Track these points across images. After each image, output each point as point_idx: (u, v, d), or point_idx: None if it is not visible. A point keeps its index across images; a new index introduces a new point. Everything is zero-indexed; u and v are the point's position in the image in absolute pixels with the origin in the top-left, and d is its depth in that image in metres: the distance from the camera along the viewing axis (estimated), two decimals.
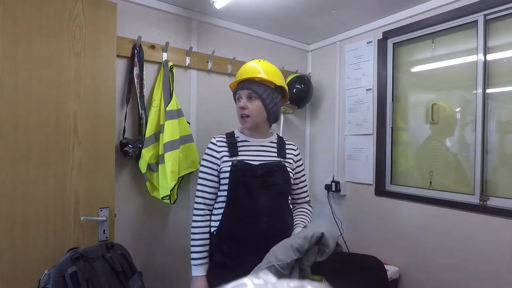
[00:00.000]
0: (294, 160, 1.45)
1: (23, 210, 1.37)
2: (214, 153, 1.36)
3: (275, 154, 1.39)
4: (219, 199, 1.35)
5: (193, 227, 1.35)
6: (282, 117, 2.54)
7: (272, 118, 1.40)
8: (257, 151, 1.37)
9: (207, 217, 1.36)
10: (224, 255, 1.30)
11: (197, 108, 2.13)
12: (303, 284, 0.29)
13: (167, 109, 1.81)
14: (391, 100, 2.22)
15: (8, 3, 1.34)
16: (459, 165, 1.90)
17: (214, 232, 1.34)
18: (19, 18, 1.36)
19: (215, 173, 1.35)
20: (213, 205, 1.38)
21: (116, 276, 1.39)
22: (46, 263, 1.38)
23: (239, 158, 1.33)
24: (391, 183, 2.21)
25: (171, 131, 1.78)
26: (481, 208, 1.72)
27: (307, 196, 1.55)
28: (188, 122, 1.98)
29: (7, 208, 1.34)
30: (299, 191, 1.52)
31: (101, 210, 1.55)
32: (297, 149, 1.50)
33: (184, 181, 2.03)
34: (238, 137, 1.40)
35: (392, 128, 2.22)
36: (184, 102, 2.04)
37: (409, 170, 2.17)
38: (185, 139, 1.90)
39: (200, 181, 1.37)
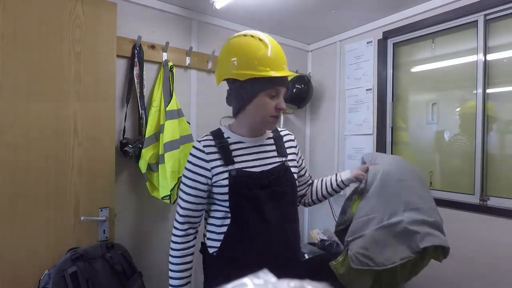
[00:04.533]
0: (295, 154, 1.22)
1: (23, 210, 1.37)
2: (202, 163, 1.05)
3: (275, 154, 1.14)
4: (217, 214, 1.09)
5: (174, 249, 1.10)
6: (282, 117, 2.54)
7: None
8: (256, 154, 1.11)
9: (191, 237, 1.11)
10: (229, 278, 1.06)
11: (197, 108, 2.13)
12: (303, 284, 0.29)
13: (167, 109, 1.81)
14: (391, 100, 2.22)
15: (8, 3, 1.34)
16: (459, 165, 1.90)
17: (214, 254, 1.09)
18: (19, 18, 1.36)
19: (204, 187, 1.06)
20: (198, 222, 1.13)
21: (116, 276, 1.39)
22: (46, 263, 1.38)
23: (236, 166, 1.05)
24: None
25: (171, 131, 1.78)
26: (481, 208, 1.72)
27: (310, 177, 1.38)
28: (188, 122, 1.98)
29: (7, 208, 1.34)
30: (305, 178, 1.33)
31: (101, 210, 1.55)
32: (294, 138, 1.26)
33: None
34: (229, 137, 1.11)
35: (392, 128, 2.22)
36: (184, 102, 2.04)
37: None
38: (185, 139, 1.90)
39: (183, 196, 1.08)
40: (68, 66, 1.47)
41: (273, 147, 1.15)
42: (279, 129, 1.23)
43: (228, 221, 1.06)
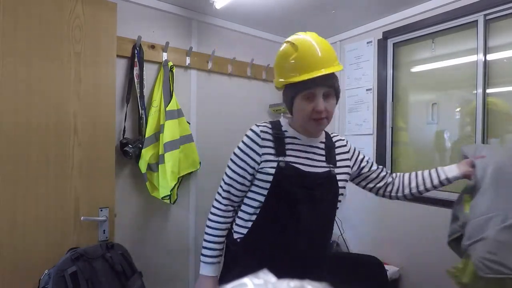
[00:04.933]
0: (349, 159, 1.18)
1: (23, 210, 1.37)
2: (255, 147, 1.05)
3: (324, 159, 1.10)
4: (252, 202, 1.08)
5: (211, 220, 1.11)
6: (282, 117, 2.53)
7: None
8: (307, 153, 1.09)
9: (230, 214, 1.12)
10: (249, 269, 1.06)
11: (197, 108, 2.13)
12: (303, 284, 0.29)
13: (167, 109, 1.81)
14: (391, 100, 2.22)
15: (8, 3, 1.33)
16: None
17: (238, 240, 1.09)
18: (19, 18, 1.36)
19: (250, 170, 1.06)
20: (237, 203, 1.13)
21: (116, 276, 1.39)
22: (46, 263, 1.38)
23: (287, 159, 1.05)
24: None
25: (171, 131, 1.78)
26: None
27: (379, 166, 1.28)
28: (188, 122, 1.98)
29: (7, 208, 1.34)
30: (373, 169, 1.25)
31: (101, 210, 1.55)
32: (347, 143, 1.21)
33: (184, 181, 2.03)
34: (286, 131, 1.10)
35: (392, 128, 2.22)
36: (184, 102, 2.05)
37: (409, 170, 2.15)
38: (185, 139, 1.90)
39: (229, 173, 1.09)
40: (68, 66, 1.47)
41: (323, 152, 1.12)
42: (333, 135, 1.21)
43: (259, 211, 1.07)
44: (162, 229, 1.99)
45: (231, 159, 1.10)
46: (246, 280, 0.29)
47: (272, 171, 1.03)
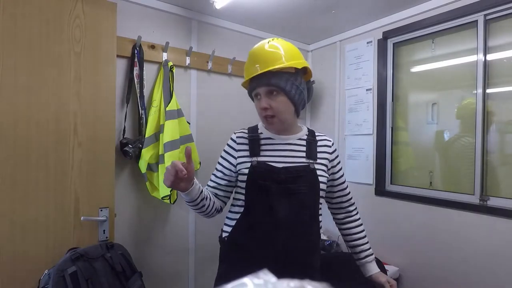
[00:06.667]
0: (329, 160, 1.21)
1: (23, 210, 1.37)
2: (232, 151, 1.19)
3: (304, 155, 1.17)
4: (236, 202, 1.19)
5: None
6: None
7: (300, 107, 1.17)
8: (282, 151, 1.16)
9: (213, 193, 1.20)
10: (232, 266, 1.14)
11: (197, 108, 2.13)
12: (303, 284, 0.29)
13: (167, 109, 1.81)
14: (391, 100, 2.22)
15: (8, 3, 1.33)
16: (459, 165, 1.90)
17: (225, 238, 1.18)
18: (19, 18, 1.36)
19: (227, 172, 1.19)
20: (223, 197, 1.22)
21: (116, 276, 1.39)
22: (46, 263, 1.38)
23: (260, 158, 1.14)
24: (391, 183, 2.21)
25: (171, 131, 1.78)
26: (481, 208, 1.72)
27: (352, 202, 1.33)
28: (188, 122, 1.98)
29: (7, 208, 1.34)
30: (339, 194, 1.29)
31: (101, 210, 1.55)
32: (332, 144, 1.24)
33: None
34: (261, 133, 1.20)
35: (392, 128, 2.22)
36: (184, 102, 2.05)
37: (409, 170, 2.17)
38: (185, 139, 1.90)
39: (214, 172, 1.24)
40: (68, 66, 1.47)
41: (303, 148, 1.18)
42: (318, 134, 1.25)
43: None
44: (162, 229, 1.99)
45: (218, 163, 1.24)
46: (246, 280, 0.29)
47: (247, 170, 1.13)
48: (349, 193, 1.32)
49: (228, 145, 1.22)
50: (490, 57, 1.76)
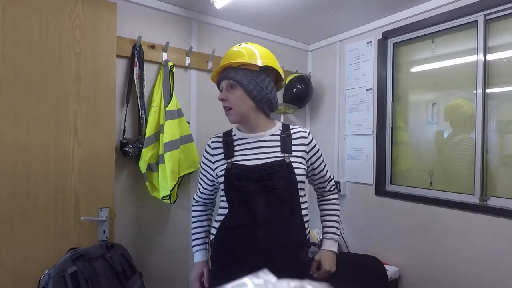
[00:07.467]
0: (306, 152, 1.22)
1: (23, 210, 1.37)
2: (209, 157, 1.26)
3: (278, 149, 1.17)
4: (223, 204, 1.22)
5: (191, 216, 1.37)
6: (282, 117, 2.54)
7: (265, 105, 1.19)
8: (256, 149, 1.18)
9: (202, 207, 1.37)
10: (220, 267, 1.20)
11: (197, 108, 2.13)
12: (303, 284, 0.29)
13: (167, 109, 1.81)
14: (391, 100, 2.22)
15: (8, 3, 1.33)
16: (459, 165, 1.90)
17: (213, 241, 1.23)
18: (19, 18, 1.36)
19: (210, 177, 1.28)
20: (209, 200, 1.37)
21: (116, 276, 1.39)
22: (46, 263, 1.38)
23: (234, 159, 1.17)
24: (391, 183, 2.21)
25: (171, 131, 1.78)
26: (481, 208, 1.72)
27: (331, 185, 1.38)
28: (188, 122, 1.98)
29: (7, 208, 1.34)
30: (320, 180, 1.34)
31: (101, 210, 1.55)
32: (308, 134, 1.25)
33: (184, 181, 2.03)
34: (235, 135, 1.24)
35: (392, 128, 2.22)
36: (184, 102, 2.05)
37: (409, 170, 2.17)
38: (185, 139, 1.90)
39: (198, 179, 1.36)
40: (68, 66, 1.47)
41: (277, 143, 1.19)
42: (293, 127, 1.26)
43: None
44: (162, 229, 1.99)
45: (199, 171, 1.34)
46: (246, 280, 0.29)
47: (223, 173, 1.17)
48: (331, 179, 1.38)
49: (205, 151, 1.28)
50: (490, 57, 1.76)
